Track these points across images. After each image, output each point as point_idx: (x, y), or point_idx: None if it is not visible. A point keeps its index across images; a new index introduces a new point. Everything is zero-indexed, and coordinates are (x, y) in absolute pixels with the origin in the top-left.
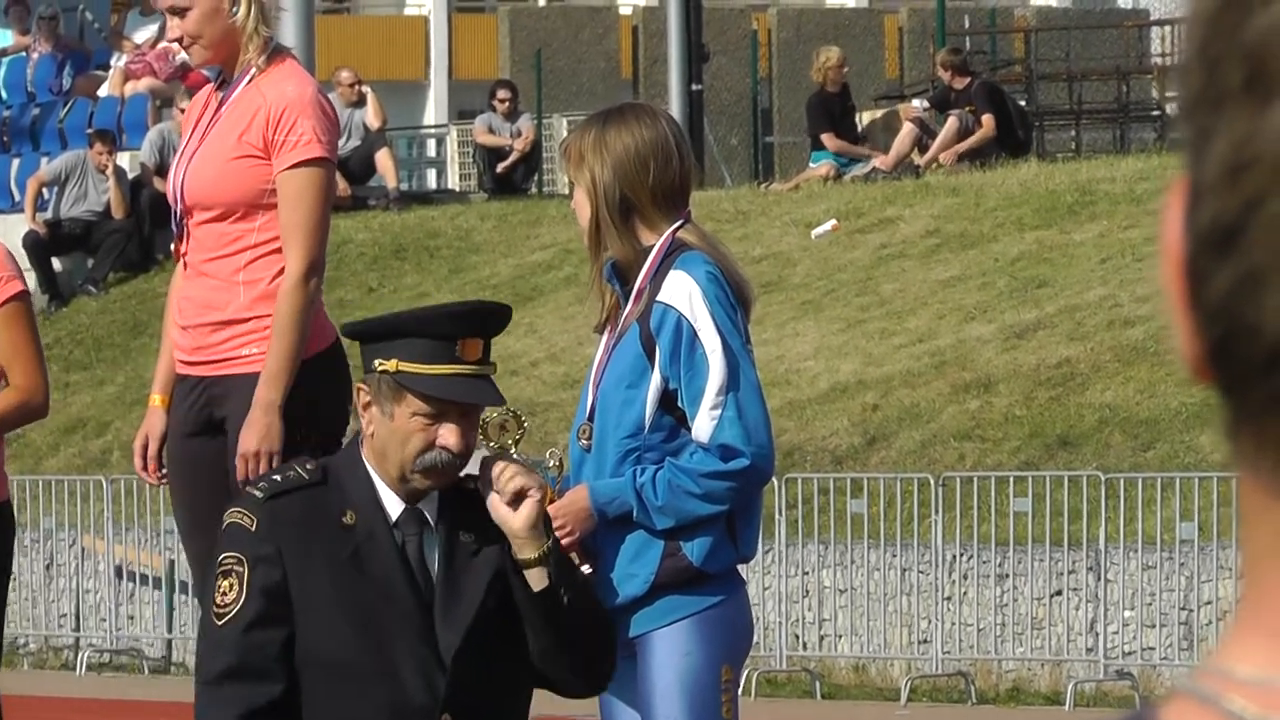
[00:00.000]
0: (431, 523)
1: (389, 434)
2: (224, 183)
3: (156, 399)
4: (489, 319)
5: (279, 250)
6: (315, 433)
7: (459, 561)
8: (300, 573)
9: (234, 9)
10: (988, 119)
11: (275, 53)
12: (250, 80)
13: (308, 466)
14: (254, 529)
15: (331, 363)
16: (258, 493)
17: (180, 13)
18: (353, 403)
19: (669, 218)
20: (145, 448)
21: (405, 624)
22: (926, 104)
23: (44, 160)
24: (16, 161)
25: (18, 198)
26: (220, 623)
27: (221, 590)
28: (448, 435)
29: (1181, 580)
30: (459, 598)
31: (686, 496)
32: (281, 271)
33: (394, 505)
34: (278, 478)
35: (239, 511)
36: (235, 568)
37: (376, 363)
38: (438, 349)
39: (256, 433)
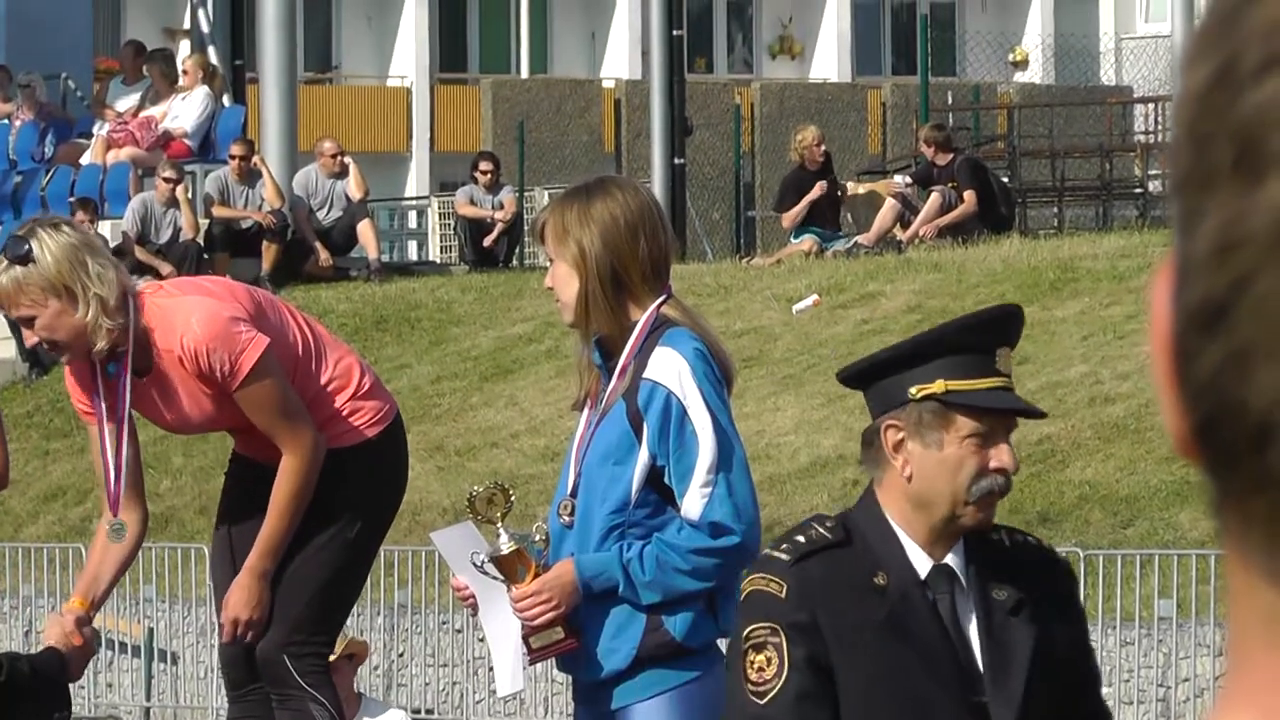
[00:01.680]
0: (961, 579)
1: (937, 467)
2: (225, 412)
3: (75, 601)
4: (1017, 324)
5: (338, 390)
6: (361, 521)
7: (997, 622)
8: (839, 643)
9: (75, 308)
10: (970, 195)
11: (140, 311)
12: (148, 348)
13: (827, 525)
14: (784, 596)
15: (388, 449)
16: (782, 555)
17: (29, 322)
18: (404, 492)
19: (654, 292)
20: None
21: (953, 699)
22: (909, 180)
23: None
24: (0, 228)
25: None
26: (762, 702)
27: (756, 665)
28: (1002, 455)
29: (1160, 657)
30: (1007, 667)
31: (674, 573)
32: (350, 398)
33: (922, 562)
34: (800, 539)
35: (763, 578)
36: (770, 639)
37: (914, 390)
38: (981, 362)
39: (247, 600)
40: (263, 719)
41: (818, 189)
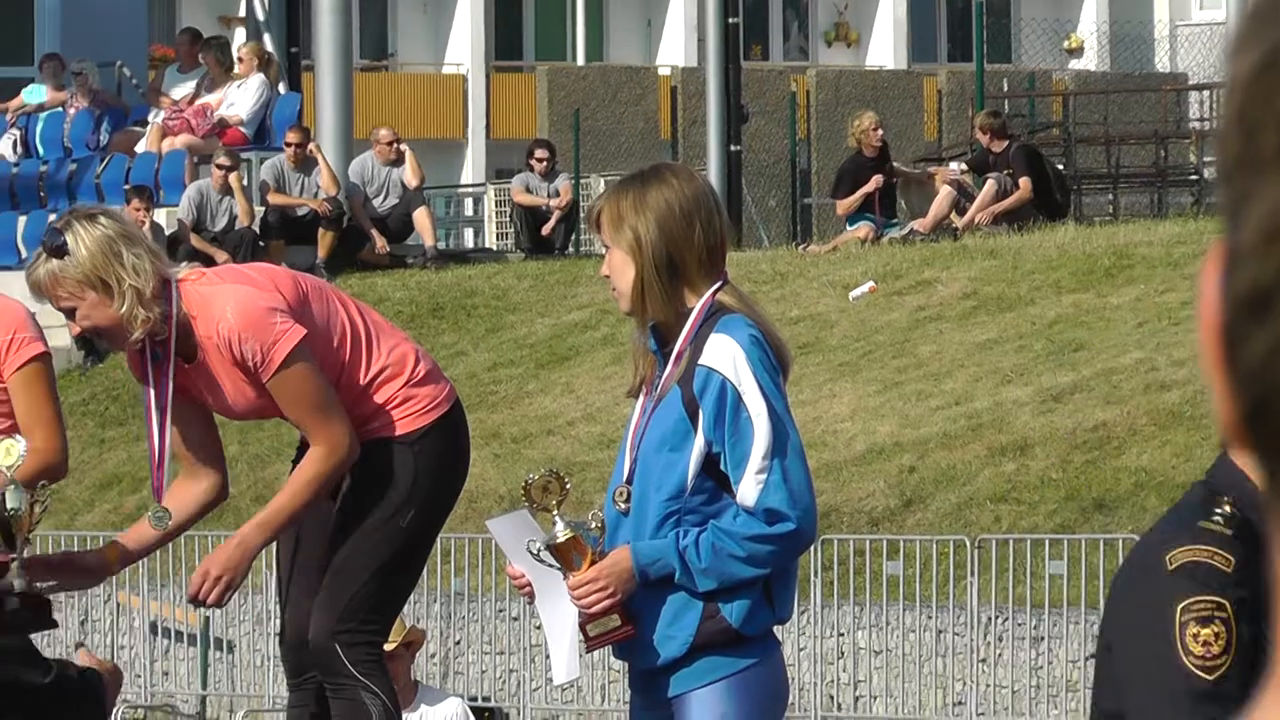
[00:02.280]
0: None
1: None
2: (271, 403)
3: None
4: None
5: (390, 378)
6: (416, 510)
7: None
8: (1265, 622)
9: (111, 300)
10: (1025, 181)
11: (182, 299)
12: (190, 336)
13: (1226, 498)
14: (1230, 570)
15: (443, 437)
16: (1220, 528)
17: (71, 312)
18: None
19: (709, 279)
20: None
21: None
22: (964, 166)
23: None
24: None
25: None
26: (1211, 678)
27: (1202, 639)
28: None
29: None
30: None
31: (730, 559)
32: (404, 385)
33: None
34: (1227, 510)
35: (1205, 550)
36: (1216, 614)
37: None
38: None
39: (225, 560)
40: (321, 707)
41: (874, 182)
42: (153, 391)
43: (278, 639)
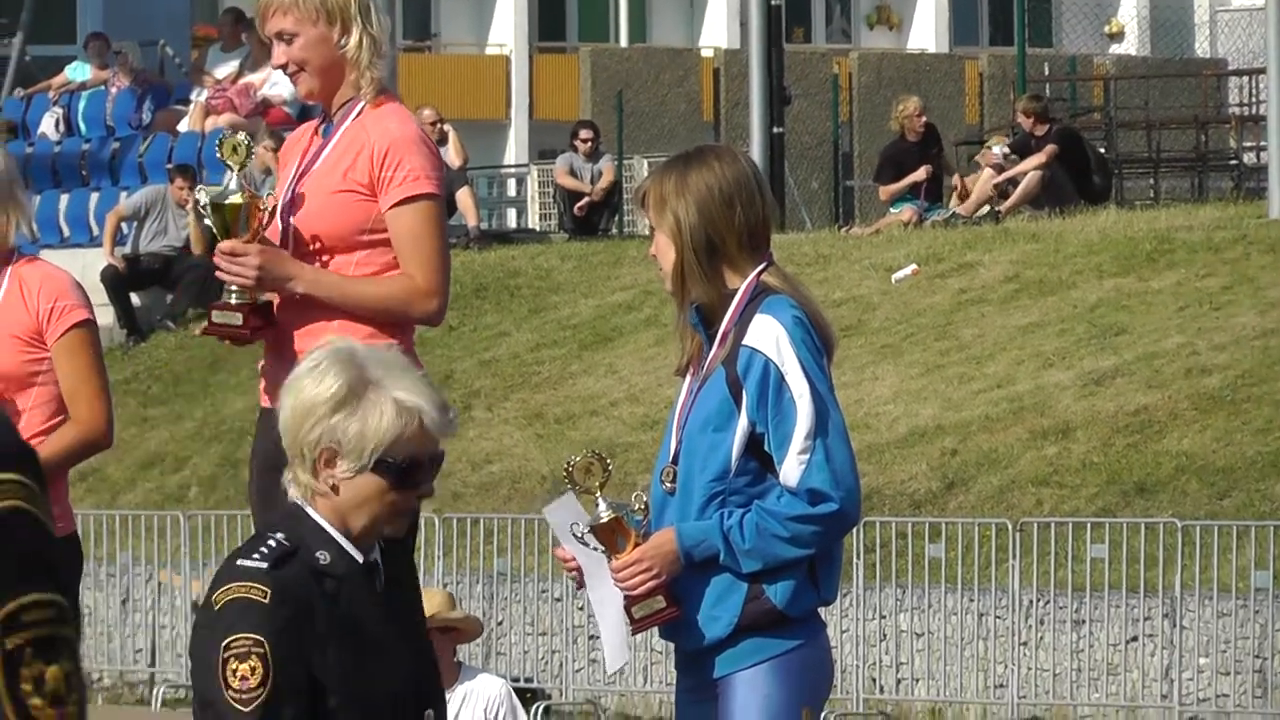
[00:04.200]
0: None
1: None
2: (325, 217)
3: None
4: None
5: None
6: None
7: None
8: None
9: (343, 39)
10: (1050, 148)
11: (381, 91)
12: (356, 116)
13: None
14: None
15: None
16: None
17: (288, 39)
18: None
19: (753, 260)
20: None
21: None
22: (1006, 150)
23: (123, 195)
24: (95, 195)
25: (96, 232)
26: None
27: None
28: None
29: (1256, 628)
30: None
31: (774, 540)
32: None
33: None
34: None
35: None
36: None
37: None
38: None
39: (270, 260)
40: None
41: (923, 171)
42: (299, 165)
43: None
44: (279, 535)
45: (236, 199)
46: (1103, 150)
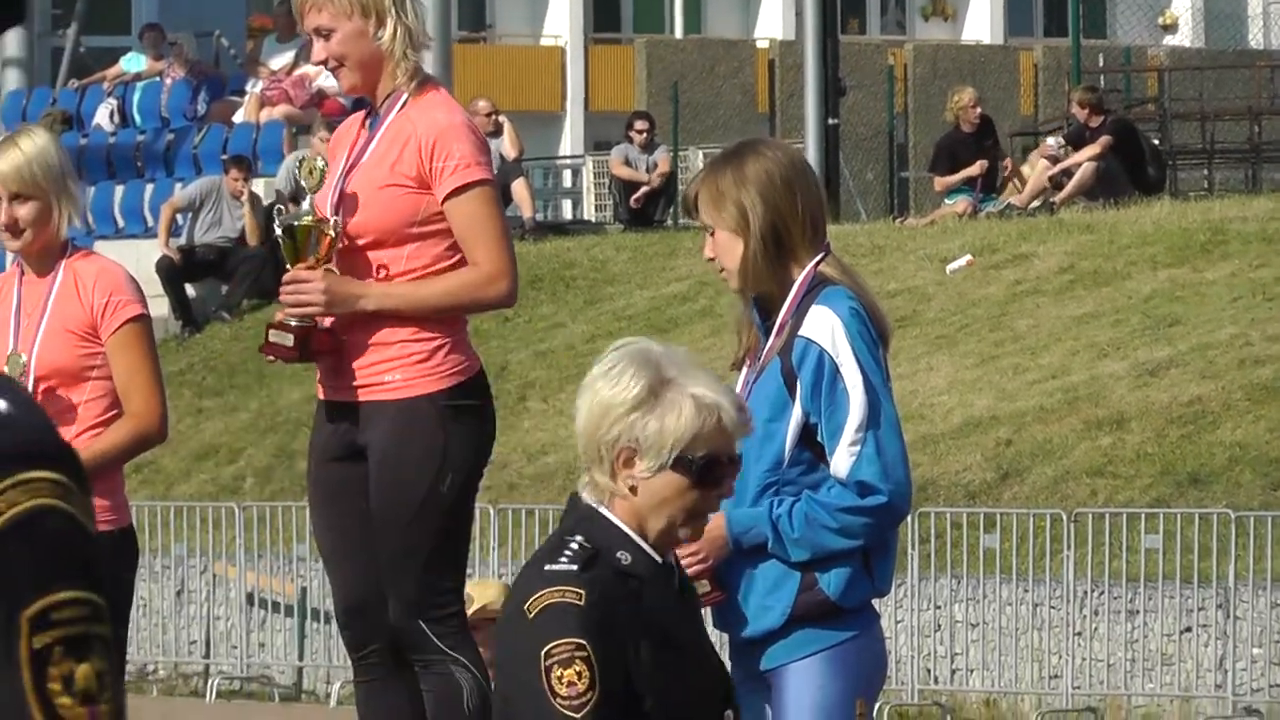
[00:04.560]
0: None
1: None
2: (374, 210)
3: None
4: None
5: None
6: (453, 474)
7: None
8: None
9: (379, 32)
10: (1104, 139)
11: (424, 81)
12: (400, 108)
13: None
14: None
15: (467, 398)
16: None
17: (325, 34)
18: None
19: (812, 249)
20: None
21: None
22: (1061, 141)
23: (178, 186)
24: (150, 187)
25: (151, 223)
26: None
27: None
28: None
29: None
30: None
31: (822, 530)
32: (457, 330)
33: None
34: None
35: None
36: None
37: None
38: None
39: (334, 287)
40: (384, 682)
41: (978, 167)
42: (350, 154)
43: (335, 616)
44: (578, 538)
45: (306, 221)
46: (1157, 141)
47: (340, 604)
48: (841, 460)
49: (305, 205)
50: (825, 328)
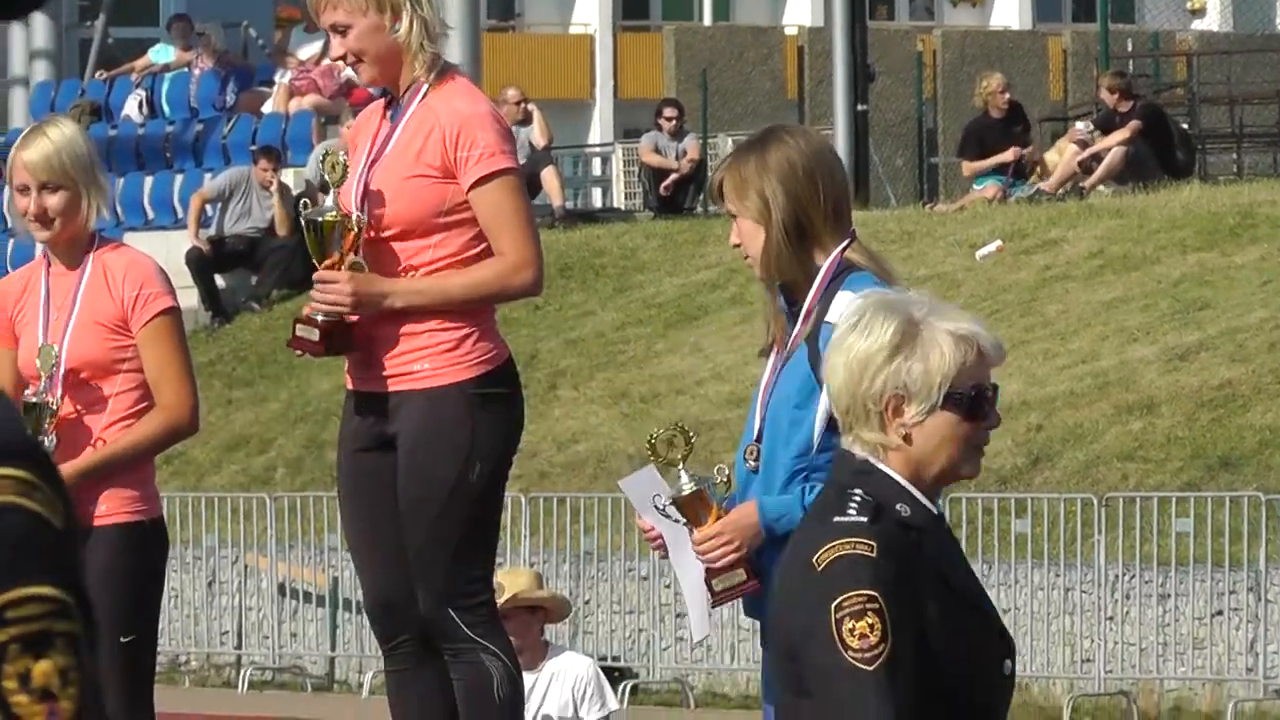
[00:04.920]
0: None
1: None
2: (400, 201)
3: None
4: None
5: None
6: (481, 462)
7: None
8: None
9: (395, 25)
10: (1134, 124)
11: (444, 70)
12: (422, 98)
13: None
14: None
15: (495, 387)
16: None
17: (342, 30)
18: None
19: (837, 236)
20: None
21: None
22: (1091, 126)
23: (207, 176)
24: (179, 177)
25: (180, 214)
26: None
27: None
28: None
29: None
30: None
31: None
32: (485, 319)
33: None
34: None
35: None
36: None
37: None
38: None
39: (363, 284)
40: (415, 671)
41: (1012, 153)
42: (366, 149)
43: (364, 606)
44: (858, 491)
45: (330, 217)
46: (1185, 126)
47: (369, 596)
48: None
49: (329, 200)
50: None
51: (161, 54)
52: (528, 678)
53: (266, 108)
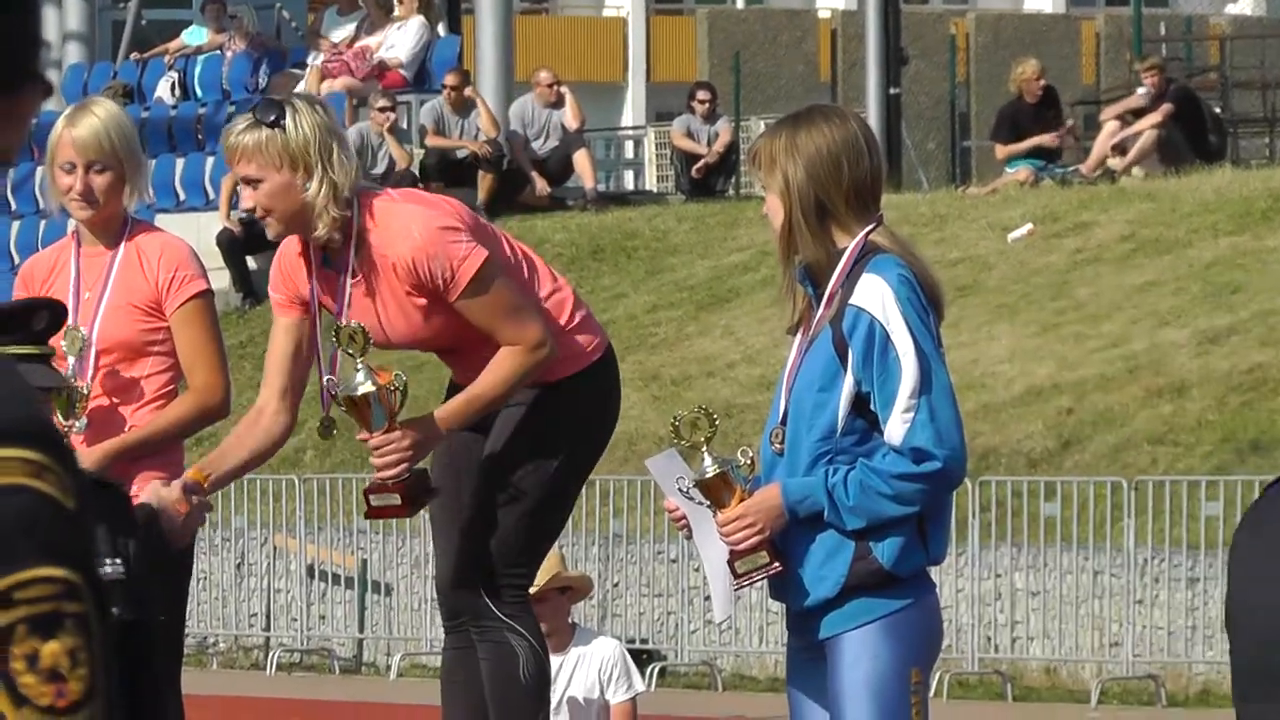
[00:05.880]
0: None
1: None
2: (426, 330)
3: (192, 471)
4: None
5: (550, 322)
6: (565, 455)
7: None
8: None
9: (306, 185)
10: (1166, 108)
11: (362, 209)
12: (364, 246)
13: None
14: None
15: (595, 384)
16: None
17: (254, 184)
18: (614, 426)
19: (862, 219)
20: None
21: None
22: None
23: None
24: (211, 159)
25: (212, 196)
26: None
27: None
28: None
29: None
30: None
31: (877, 497)
32: (560, 331)
33: None
34: None
35: None
36: None
37: None
38: None
39: (417, 437)
40: (469, 652)
41: (1050, 138)
42: (316, 303)
43: (435, 582)
44: None
45: (367, 388)
46: (1218, 110)
47: (439, 573)
48: (895, 427)
49: (360, 375)
50: (875, 296)
51: (194, 36)
52: (555, 661)
53: (299, 90)
